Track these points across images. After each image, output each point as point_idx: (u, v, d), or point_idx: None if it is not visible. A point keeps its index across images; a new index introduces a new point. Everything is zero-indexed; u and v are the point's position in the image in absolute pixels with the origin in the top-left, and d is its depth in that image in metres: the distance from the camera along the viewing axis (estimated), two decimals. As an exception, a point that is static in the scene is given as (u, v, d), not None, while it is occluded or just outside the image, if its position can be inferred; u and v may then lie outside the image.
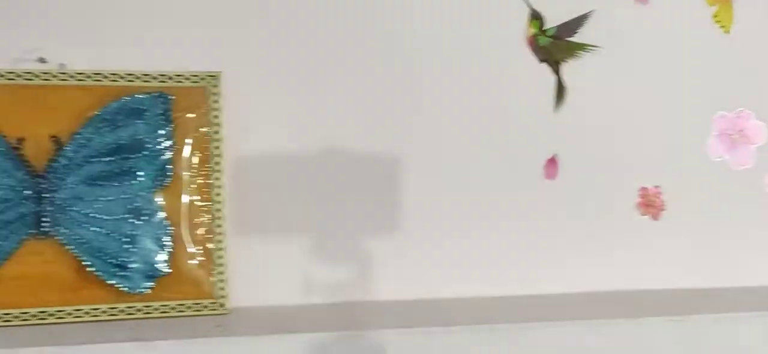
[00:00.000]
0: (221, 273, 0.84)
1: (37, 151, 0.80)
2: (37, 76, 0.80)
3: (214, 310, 0.83)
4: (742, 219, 0.97)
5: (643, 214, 0.95)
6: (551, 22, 0.90)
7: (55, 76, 0.81)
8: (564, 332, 0.81)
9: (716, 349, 0.83)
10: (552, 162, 0.92)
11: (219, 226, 0.83)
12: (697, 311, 0.84)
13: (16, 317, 0.79)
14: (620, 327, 0.81)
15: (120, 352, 0.75)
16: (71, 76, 0.81)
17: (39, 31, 0.81)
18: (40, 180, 0.79)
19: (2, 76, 0.79)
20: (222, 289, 0.84)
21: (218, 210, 0.83)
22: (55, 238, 0.80)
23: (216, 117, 0.84)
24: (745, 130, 0.96)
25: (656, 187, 0.94)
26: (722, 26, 0.95)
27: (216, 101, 0.84)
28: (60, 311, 0.80)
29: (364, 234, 0.88)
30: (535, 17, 0.90)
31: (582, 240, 0.93)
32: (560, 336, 0.81)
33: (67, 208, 0.80)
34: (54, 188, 0.80)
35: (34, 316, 0.79)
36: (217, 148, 0.84)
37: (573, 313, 0.85)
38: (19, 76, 0.80)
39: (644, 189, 0.94)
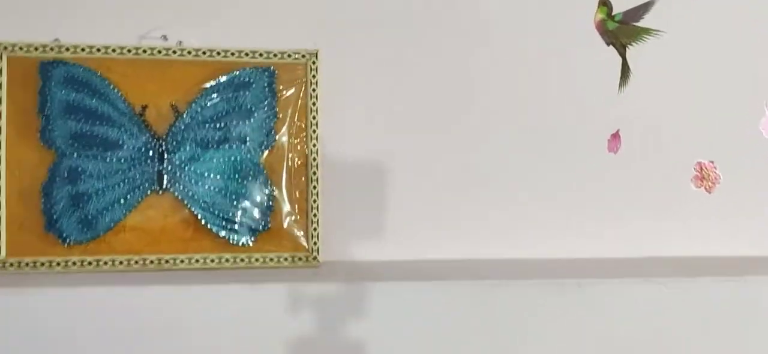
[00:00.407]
0: (315, 230, 0.93)
1: (158, 118, 0.91)
2: (159, 51, 0.91)
3: (308, 262, 0.93)
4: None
5: (698, 187, 1.02)
6: (618, 7, 0.98)
7: (174, 52, 0.91)
8: (625, 288, 0.89)
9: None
10: (615, 137, 1.00)
11: (314, 188, 0.93)
12: (748, 273, 0.91)
13: (136, 263, 0.90)
14: (677, 285, 0.89)
15: (229, 293, 0.85)
16: (188, 52, 0.92)
17: (161, 13, 0.91)
18: (161, 142, 0.90)
19: (129, 51, 0.90)
20: (315, 244, 0.93)
21: (314, 173, 0.93)
22: (173, 194, 0.90)
23: (314, 90, 0.93)
24: (797, 111, 1.02)
25: (711, 162, 1.01)
26: (778, 13, 1.01)
27: (314, 76, 0.93)
28: (174, 258, 0.91)
29: (447, 197, 0.97)
30: (604, 3, 0.97)
31: (640, 209, 1.01)
32: (620, 291, 0.89)
33: (184, 168, 0.90)
34: (173, 150, 0.90)
35: (152, 262, 0.90)
36: (315, 118, 0.93)
37: (632, 272, 0.93)
38: (144, 51, 0.91)
39: (700, 163, 1.02)
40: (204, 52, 0.92)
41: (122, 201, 0.89)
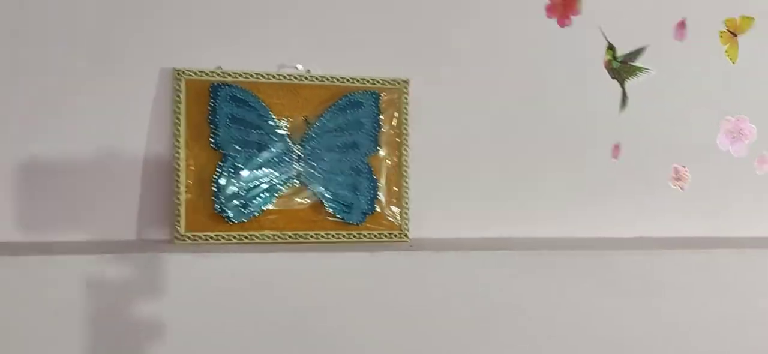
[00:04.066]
0: (405, 214, 1.24)
1: (294, 128, 1.20)
2: (294, 77, 1.20)
3: (401, 238, 1.24)
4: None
5: (674, 185, 1.38)
6: (620, 51, 1.33)
7: (305, 78, 1.21)
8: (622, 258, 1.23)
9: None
10: (616, 147, 1.35)
11: (405, 182, 1.24)
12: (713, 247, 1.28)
13: (279, 237, 1.18)
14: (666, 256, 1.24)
15: (353, 259, 1.14)
16: (315, 78, 1.21)
17: (293, 48, 1.21)
18: (298, 147, 1.19)
19: (273, 77, 1.19)
20: (406, 225, 1.24)
21: (405, 171, 1.24)
22: (307, 186, 1.20)
23: (405, 110, 1.24)
24: (743, 130, 1.40)
25: (684, 166, 1.38)
26: (730, 59, 1.39)
27: (406, 99, 1.25)
28: (306, 234, 1.20)
29: (501, 193, 1.30)
30: (610, 48, 1.33)
31: (634, 201, 1.36)
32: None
33: (314, 166, 1.20)
34: (306, 153, 1.20)
35: (290, 236, 1.19)
36: (405, 130, 1.24)
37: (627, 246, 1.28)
38: (284, 77, 1.20)
39: (676, 167, 1.38)
40: (327, 78, 1.22)
41: (270, 191, 1.18)
